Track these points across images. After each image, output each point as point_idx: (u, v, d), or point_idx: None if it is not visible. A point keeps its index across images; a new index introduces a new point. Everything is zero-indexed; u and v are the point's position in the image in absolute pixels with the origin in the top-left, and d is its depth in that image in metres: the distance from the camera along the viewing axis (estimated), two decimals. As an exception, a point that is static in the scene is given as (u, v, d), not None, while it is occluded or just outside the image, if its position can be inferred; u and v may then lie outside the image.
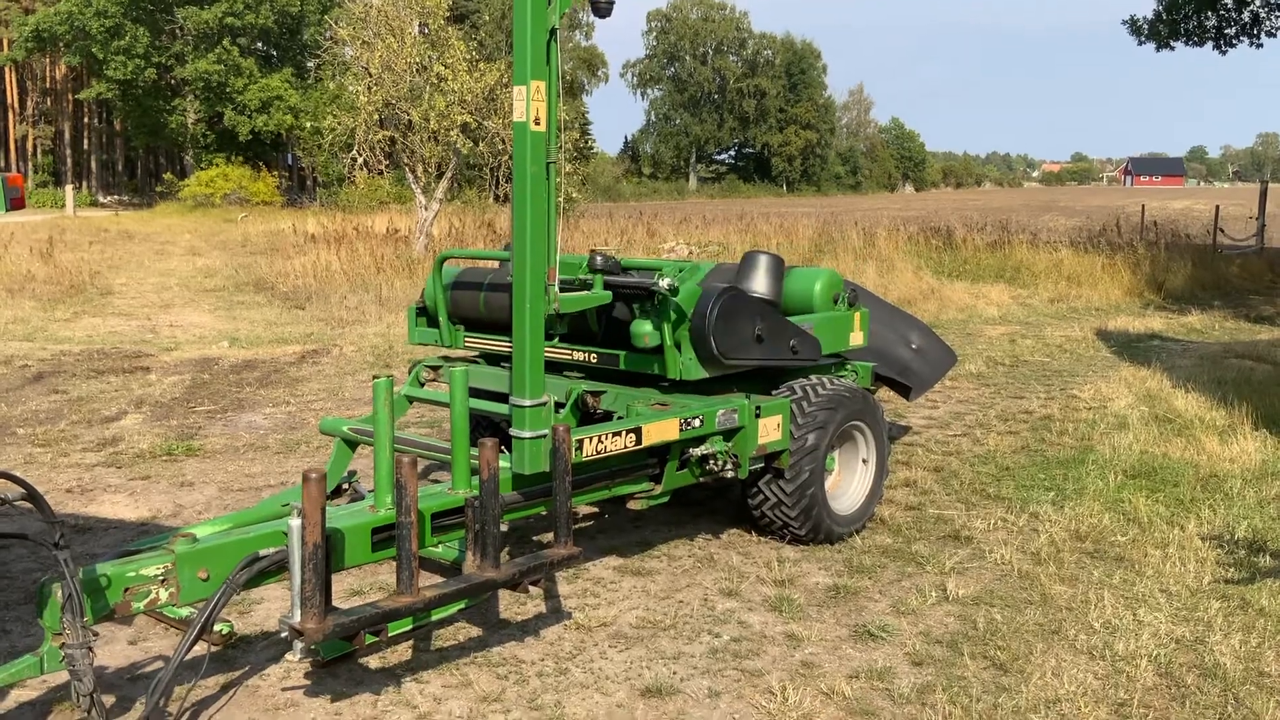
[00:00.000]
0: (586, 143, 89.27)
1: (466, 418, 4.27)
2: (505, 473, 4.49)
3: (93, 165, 58.18)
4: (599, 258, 4.84)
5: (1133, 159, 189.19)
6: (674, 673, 4.28)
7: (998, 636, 4.61)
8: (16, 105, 57.14)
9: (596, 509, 6.33)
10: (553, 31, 4.30)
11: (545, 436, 4.33)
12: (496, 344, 5.99)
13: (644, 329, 5.14)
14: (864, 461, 6.02)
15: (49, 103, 59.81)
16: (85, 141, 59.46)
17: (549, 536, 5.49)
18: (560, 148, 4.43)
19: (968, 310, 16.71)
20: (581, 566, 5.43)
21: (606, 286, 5.09)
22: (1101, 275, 19.76)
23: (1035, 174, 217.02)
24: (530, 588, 4.20)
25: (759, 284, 5.79)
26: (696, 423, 5.04)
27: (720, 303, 5.10)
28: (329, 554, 3.76)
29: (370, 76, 19.28)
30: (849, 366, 6.61)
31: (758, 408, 5.31)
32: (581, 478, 4.77)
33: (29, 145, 58.35)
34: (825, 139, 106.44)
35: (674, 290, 4.92)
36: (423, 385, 6.27)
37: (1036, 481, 7.06)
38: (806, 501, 5.54)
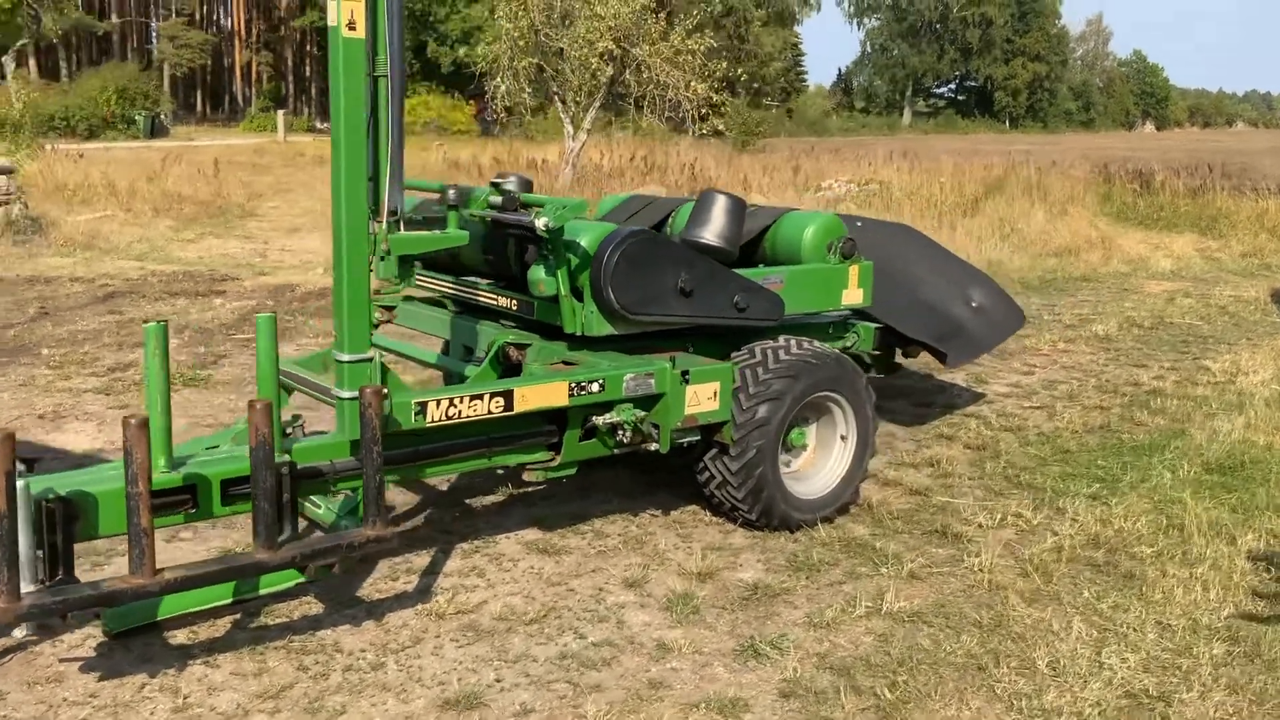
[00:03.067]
0: (798, 75, 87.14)
1: (273, 370, 3.76)
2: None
3: (313, 91, 60.62)
4: (452, 190, 4.19)
5: None
6: (497, 680, 3.68)
7: (906, 667, 3.79)
8: (243, 31, 60.01)
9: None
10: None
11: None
12: (440, 284, 5.46)
13: (538, 275, 4.48)
14: (842, 438, 5.19)
15: (278, 31, 62.52)
16: (307, 68, 61.98)
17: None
18: (397, 59, 3.80)
19: (1137, 263, 15.04)
20: (490, 539, 4.88)
21: (495, 223, 4.45)
22: (1313, 228, 17.48)
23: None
24: (316, 571, 3.67)
25: (709, 229, 5.03)
26: (595, 387, 4.35)
27: (622, 249, 4.38)
28: (65, 520, 3.34)
29: (519, 1, 18.85)
30: (852, 327, 5.76)
31: (685, 373, 4.57)
32: (444, 445, 4.19)
33: (253, 71, 61.30)
34: (1056, 72, 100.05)
35: (551, 231, 4.22)
36: (376, 326, 5.80)
37: (1089, 470, 6.02)
38: (754, 482, 4.79)
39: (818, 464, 5.20)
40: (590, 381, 4.34)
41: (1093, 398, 7.72)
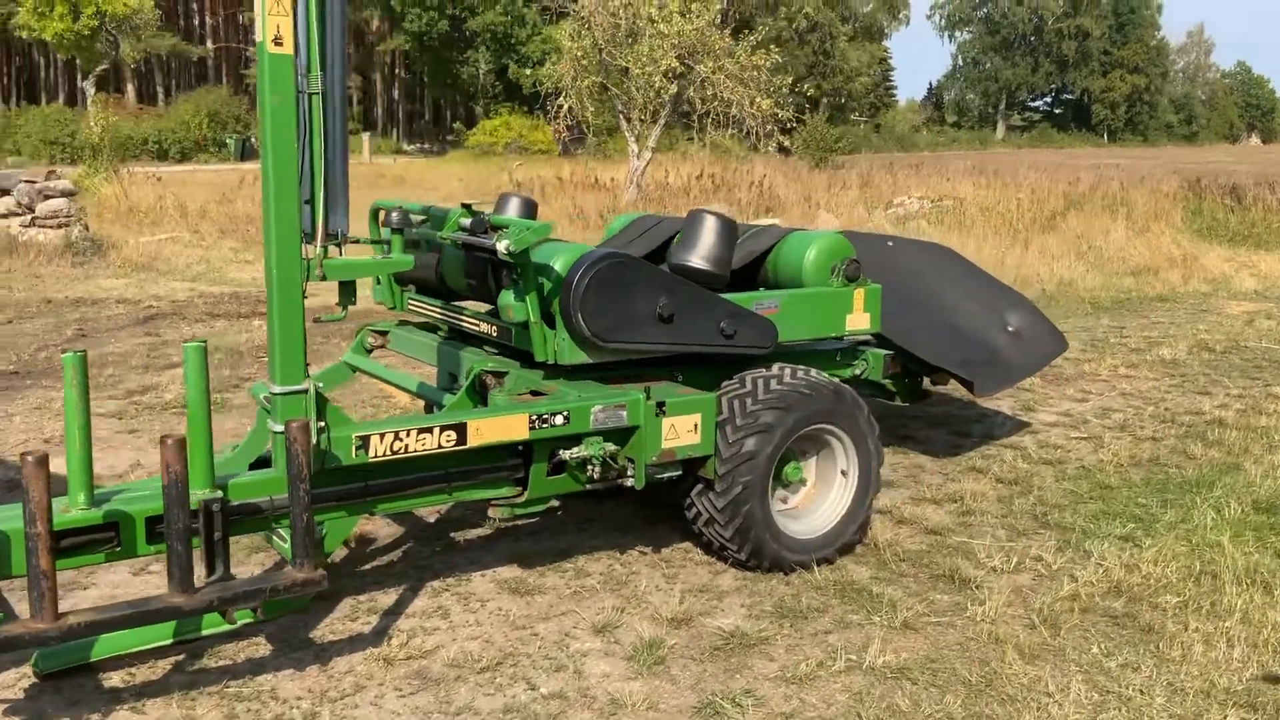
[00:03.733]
0: (887, 90, 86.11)
1: (203, 402, 3.58)
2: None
3: (399, 114, 61.61)
4: (395, 214, 3.99)
5: None
6: (431, 735, 3.45)
7: (875, 733, 3.46)
8: (333, 57, 61.22)
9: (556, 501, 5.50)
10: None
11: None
12: (428, 309, 5.28)
13: (507, 300, 4.26)
14: (843, 474, 4.86)
15: (370, 55, 63.72)
16: (395, 91, 63.04)
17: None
18: (338, 76, 3.62)
19: (1218, 282, 14.34)
20: (464, 576, 4.65)
21: (463, 247, 4.25)
22: None
23: None
24: (235, 615, 3.48)
25: (696, 252, 4.76)
26: (558, 420, 4.10)
27: (592, 273, 4.13)
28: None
29: (581, 20, 18.76)
30: (861, 354, 5.44)
31: (661, 404, 4.30)
32: (397, 480, 3.98)
33: (342, 95, 62.48)
34: (1156, 84, 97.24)
35: (514, 254, 4.00)
36: (370, 351, 5.65)
37: (1126, 508, 5.59)
38: (741, 520, 4.49)
39: (817, 501, 4.88)
40: (554, 414, 4.09)
41: (1147, 428, 7.24)
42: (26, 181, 13.43)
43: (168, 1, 59.08)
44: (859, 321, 5.12)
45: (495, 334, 4.73)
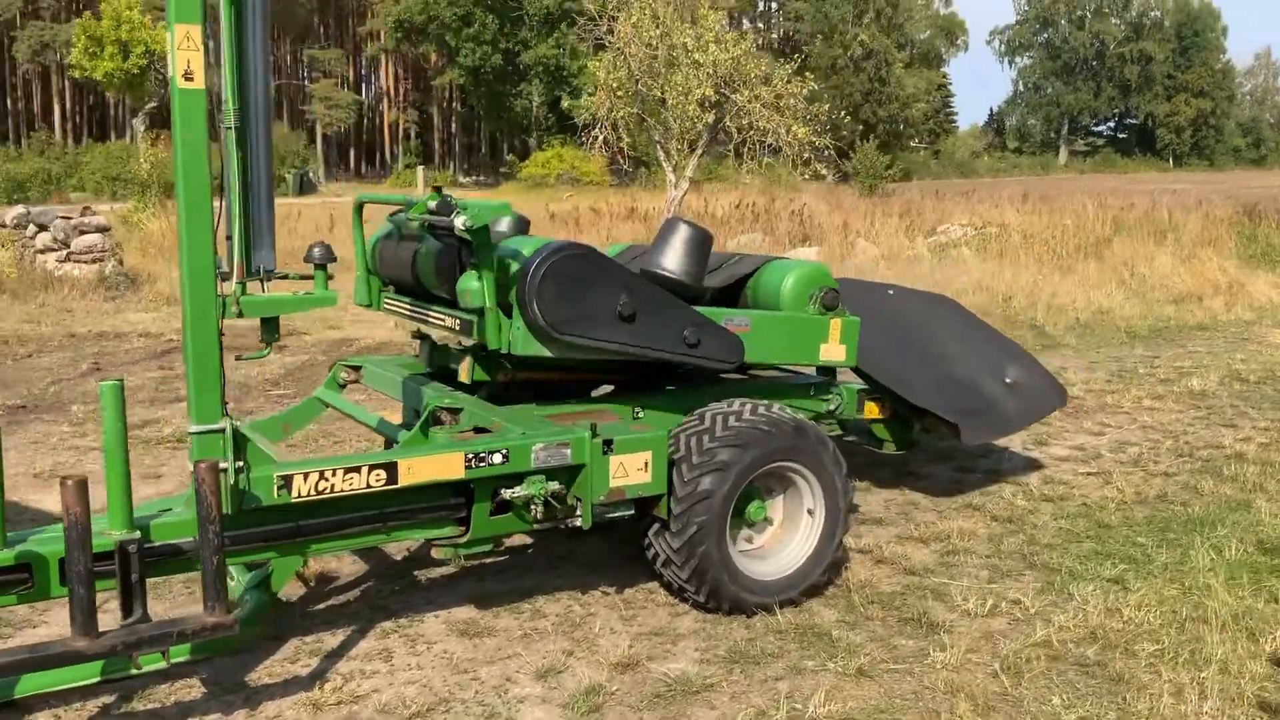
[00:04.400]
0: (947, 115, 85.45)
1: (121, 439, 3.54)
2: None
3: (455, 147, 62.35)
4: (317, 249, 3.93)
5: None
6: (344, 784, 3.35)
7: (802, 790, 3.30)
8: (391, 91, 62.23)
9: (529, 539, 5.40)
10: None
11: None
12: (399, 305, 5.17)
13: (469, 284, 4.20)
14: (809, 513, 4.70)
15: (428, 90, 64.67)
16: (453, 125, 63.84)
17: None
18: (262, 111, 3.58)
19: (1264, 309, 13.91)
20: (417, 617, 4.56)
21: (428, 228, 4.22)
22: None
23: None
24: (141, 658, 3.41)
25: (666, 259, 4.69)
26: (497, 458, 4.00)
27: (551, 261, 4.06)
28: None
29: (616, 50, 18.77)
30: (835, 389, 5.30)
31: (608, 442, 4.19)
32: (330, 520, 3.90)
33: (400, 128, 63.48)
34: (1222, 108, 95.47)
35: (471, 230, 3.94)
36: (343, 387, 5.60)
37: (1122, 548, 5.36)
38: (698, 562, 4.35)
39: (784, 541, 4.72)
40: (492, 452, 3.99)
41: (1162, 462, 6.97)
42: (62, 218, 13.70)
43: (231, 40, 60.42)
44: (834, 353, 4.98)
45: (458, 327, 4.64)
